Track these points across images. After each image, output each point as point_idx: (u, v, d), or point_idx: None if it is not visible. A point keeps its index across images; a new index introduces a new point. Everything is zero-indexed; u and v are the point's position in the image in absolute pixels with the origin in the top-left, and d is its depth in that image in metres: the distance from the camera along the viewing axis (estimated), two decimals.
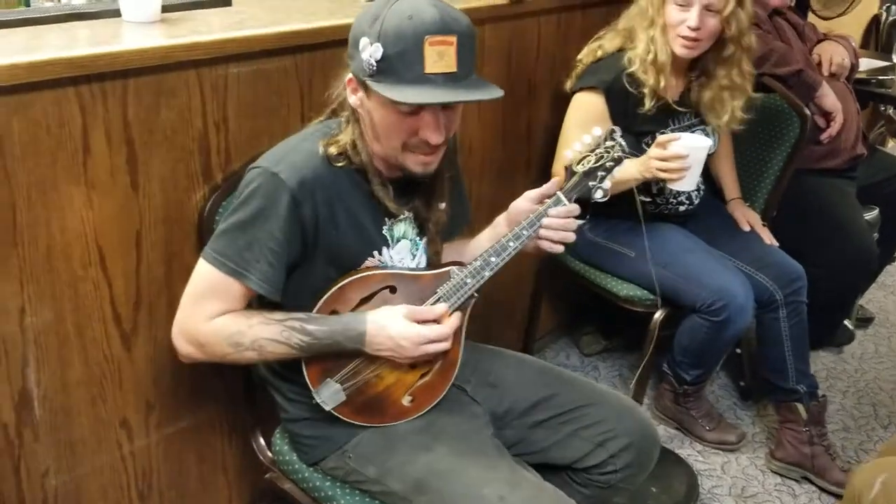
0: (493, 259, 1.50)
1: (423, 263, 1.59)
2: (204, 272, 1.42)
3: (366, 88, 1.36)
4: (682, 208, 2.36)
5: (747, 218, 2.48)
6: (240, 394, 1.78)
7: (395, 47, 1.29)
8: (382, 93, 1.30)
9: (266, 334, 1.42)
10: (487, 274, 1.50)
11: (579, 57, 2.30)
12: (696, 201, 2.38)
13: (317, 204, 1.40)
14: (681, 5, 2.10)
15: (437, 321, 1.45)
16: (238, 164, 1.68)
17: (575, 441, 1.62)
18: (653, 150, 2.03)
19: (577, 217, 1.54)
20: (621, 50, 2.21)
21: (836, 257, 2.59)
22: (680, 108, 2.25)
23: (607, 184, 1.55)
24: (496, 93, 1.34)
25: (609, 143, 1.55)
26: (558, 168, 2.25)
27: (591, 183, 1.54)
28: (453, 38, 1.30)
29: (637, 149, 2.14)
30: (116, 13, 1.62)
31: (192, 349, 1.46)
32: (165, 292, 1.64)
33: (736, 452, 2.52)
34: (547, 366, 1.74)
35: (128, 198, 1.52)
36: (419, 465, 1.49)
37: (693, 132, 2.26)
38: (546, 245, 1.54)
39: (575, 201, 1.54)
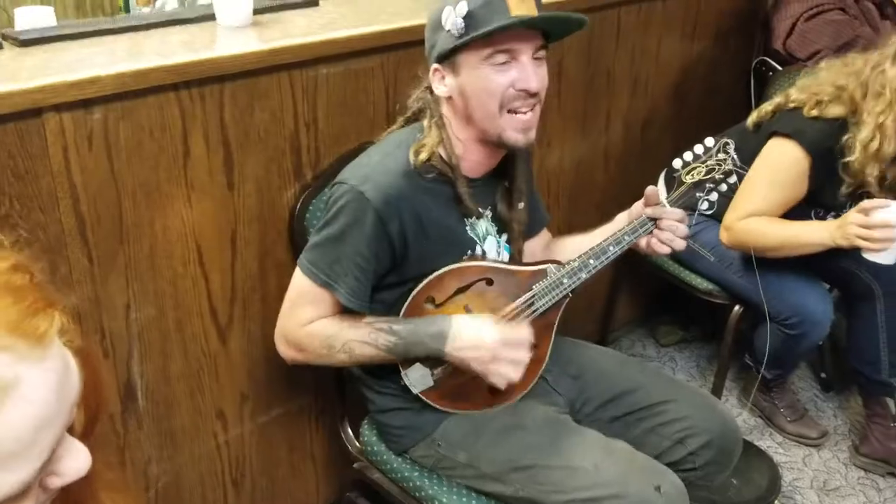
0: (591, 262, 1.53)
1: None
2: (299, 282, 1.48)
3: (453, 66, 1.41)
4: None
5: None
6: (329, 385, 1.84)
7: (478, 0, 1.35)
8: (479, 31, 1.34)
9: (355, 336, 1.46)
10: (584, 276, 1.53)
11: (794, 97, 2.05)
12: None
13: (403, 219, 1.43)
14: None
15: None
16: (327, 161, 1.72)
17: (653, 437, 1.62)
18: (853, 216, 1.86)
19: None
20: (842, 120, 1.97)
21: None
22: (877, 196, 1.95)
23: (714, 196, 1.58)
24: (581, 16, 1.42)
25: (721, 157, 1.56)
26: (731, 220, 2.07)
27: (698, 194, 1.57)
28: None
29: (811, 216, 2.08)
30: (211, 17, 1.67)
31: (294, 353, 1.52)
32: (259, 288, 1.69)
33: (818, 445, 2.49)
34: (629, 359, 1.75)
35: (224, 197, 1.58)
36: (510, 445, 1.52)
37: None
38: (654, 244, 1.56)
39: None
